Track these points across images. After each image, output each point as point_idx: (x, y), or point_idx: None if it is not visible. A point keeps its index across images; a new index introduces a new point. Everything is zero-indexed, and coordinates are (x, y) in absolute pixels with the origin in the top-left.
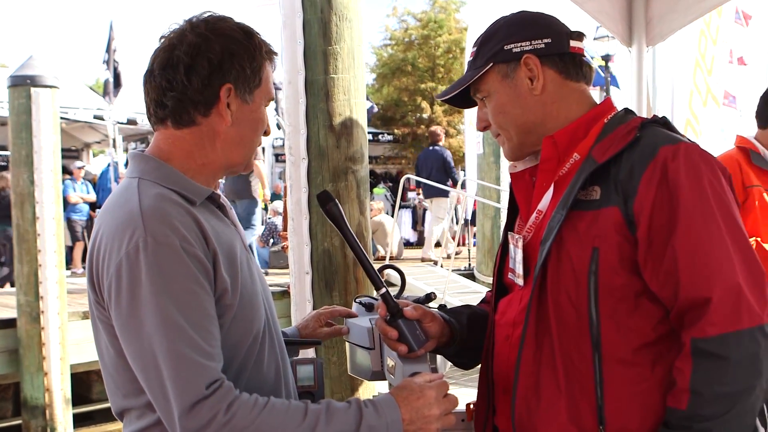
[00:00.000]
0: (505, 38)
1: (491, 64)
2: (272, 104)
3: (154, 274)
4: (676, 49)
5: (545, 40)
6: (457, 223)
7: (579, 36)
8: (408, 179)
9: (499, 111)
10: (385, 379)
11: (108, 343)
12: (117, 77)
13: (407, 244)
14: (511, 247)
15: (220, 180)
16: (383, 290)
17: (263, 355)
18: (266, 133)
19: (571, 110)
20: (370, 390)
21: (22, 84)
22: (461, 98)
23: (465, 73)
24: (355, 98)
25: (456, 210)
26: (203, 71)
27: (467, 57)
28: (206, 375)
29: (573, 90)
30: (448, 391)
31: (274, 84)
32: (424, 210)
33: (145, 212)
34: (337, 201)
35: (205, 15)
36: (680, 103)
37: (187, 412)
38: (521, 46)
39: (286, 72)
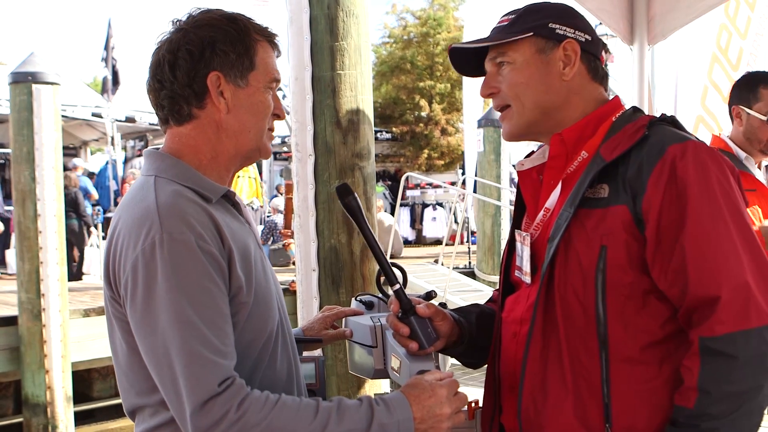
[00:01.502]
0: (552, 17)
1: (531, 33)
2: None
3: (170, 271)
4: (684, 45)
5: (587, 36)
6: (456, 221)
7: (607, 49)
8: (408, 178)
9: (521, 82)
10: (388, 378)
11: (122, 340)
12: (115, 75)
13: (406, 243)
14: (518, 244)
15: None
16: (397, 286)
17: (276, 354)
18: (279, 117)
19: (587, 107)
20: (376, 388)
21: (24, 81)
22: (469, 62)
23: (492, 34)
24: (361, 94)
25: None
26: (185, 64)
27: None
28: (219, 372)
29: (594, 89)
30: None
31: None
32: (423, 208)
33: (162, 209)
34: (357, 195)
35: (191, 12)
36: (689, 100)
37: (199, 409)
38: (566, 30)
39: (292, 68)
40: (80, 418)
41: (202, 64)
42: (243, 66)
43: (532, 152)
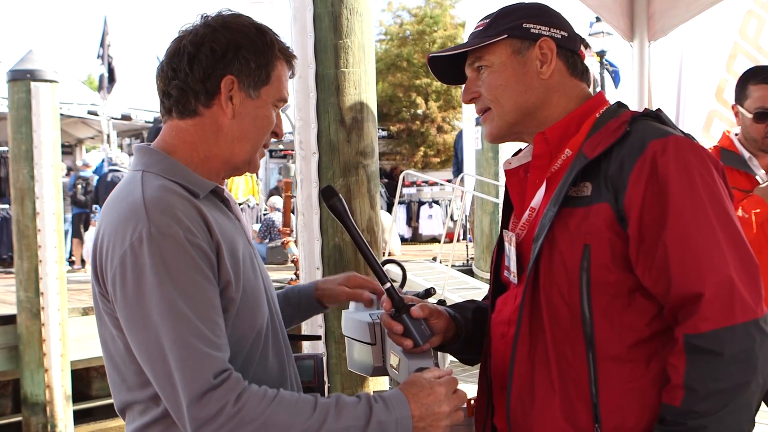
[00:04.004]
0: (525, 17)
1: (506, 35)
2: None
3: (158, 265)
4: (692, 38)
5: (563, 33)
6: (452, 219)
7: (586, 44)
8: (405, 176)
9: (500, 84)
10: (387, 375)
11: (114, 336)
12: (111, 72)
13: (402, 240)
14: (506, 244)
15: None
16: (388, 285)
17: (267, 351)
18: (277, 136)
19: (569, 104)
20: (379, 387)
21: (22, 78)
22: (450, 70)
23: (469, 40)
24: (365, 92)
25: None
26: (205, 60)
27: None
28: (213, 365)
29: (575, 86)
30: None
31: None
32: (419, 206)
33: (149, 204)
34: (341, 197)
35: (222, 11)
36: (700, 95)
37: (196, 401)
38: (540, 29)
39: (296, 66)
40: (79, 417)
41: (222, 65)
42: (259, 78)
43: (520, 150)
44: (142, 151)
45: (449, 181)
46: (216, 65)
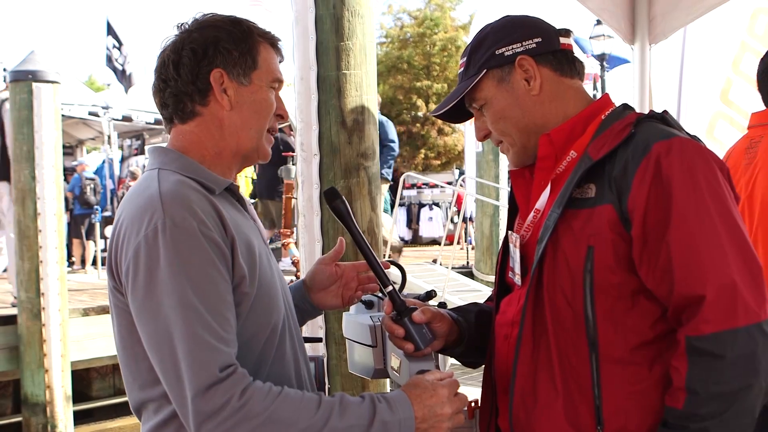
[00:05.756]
0: (494, 43)
1: (485, 70)
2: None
3: (172, 257)
4: (694, 40)
5: (536, 40)
6: (452, 221)
7: (567, 33)
8: (405, 178)
9: (499, 117)
10: (387, 377)
11: (126, 331)
12: (115, 72)
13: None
14: (511, 246)
15: None
16: (390, 288)
17: (284, 349)
18: (282, 118)
19: (569, 107)
20: (380, 389)
21: (24, 79)
22: (456, 112)
23: (457, 85)
24: (366, 94)
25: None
26: (189, 62)
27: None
28: (220, 359)
29: (569, 87)
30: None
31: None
32: (419, 208)
33: (165, 197)
34: (344, 198)
35: (196, 15)
36: (704, 96)
37: (202, 394)
38: (513, 48)
39: (298, 68)
40: (79, 418)
41: (206, 62)
42: (246, 64)
43: None
44: (157, 151)
45: (449, 183)
46: (200, 63)
